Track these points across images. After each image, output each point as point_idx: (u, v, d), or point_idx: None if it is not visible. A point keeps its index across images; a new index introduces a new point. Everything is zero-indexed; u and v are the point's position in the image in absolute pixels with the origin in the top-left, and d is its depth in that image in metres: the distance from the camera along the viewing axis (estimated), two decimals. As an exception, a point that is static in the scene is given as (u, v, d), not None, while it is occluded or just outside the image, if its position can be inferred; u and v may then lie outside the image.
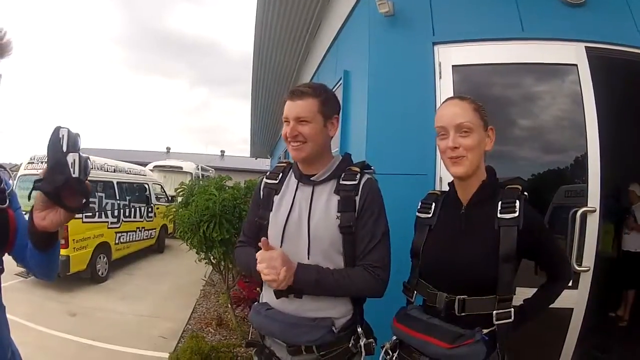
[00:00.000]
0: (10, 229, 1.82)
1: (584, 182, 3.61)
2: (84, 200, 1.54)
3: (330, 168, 2.41)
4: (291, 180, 2.50)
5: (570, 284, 2.71)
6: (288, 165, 2.61)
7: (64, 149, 1.46)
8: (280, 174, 2.56)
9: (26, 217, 1.80)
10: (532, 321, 2.33)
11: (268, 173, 2.65)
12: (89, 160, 1.52)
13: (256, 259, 2.15)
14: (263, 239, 2.17)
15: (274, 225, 2.41)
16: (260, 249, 2.17)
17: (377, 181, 2.44)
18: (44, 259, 1.77)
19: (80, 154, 1.49)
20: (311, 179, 2.40)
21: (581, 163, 3.69)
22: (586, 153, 3.57)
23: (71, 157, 1.46)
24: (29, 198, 1.55)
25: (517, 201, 2.13)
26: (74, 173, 1.46)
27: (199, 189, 6.06)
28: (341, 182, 2.35)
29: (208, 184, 6.24)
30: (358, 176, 2.35)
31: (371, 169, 2.49)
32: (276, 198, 2.48)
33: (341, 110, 2.56)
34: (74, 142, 1.48)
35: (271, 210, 2.46)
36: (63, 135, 1.47)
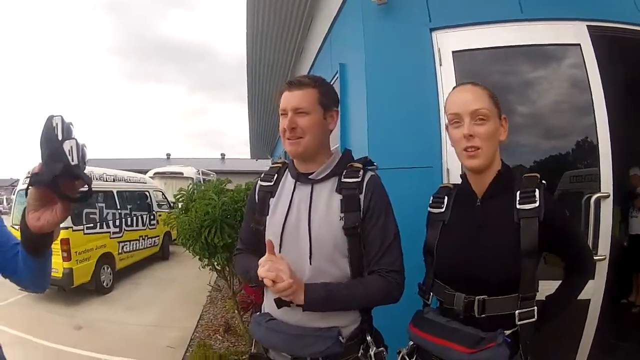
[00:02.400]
0: None
1: (588, 166, 3.54)
2: (87, 187, 1.42)
3: (330, 165, 2.25)
4: (287, 181, 2.35)
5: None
6: (283, 166, 2.45)
7: (59, 137, 1.35)
8: (276, 175, 2.42)
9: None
10: (556, 319, 2.20)
11: (262, 175, 2.49)
12: (85, 147, 1.40)
13: (256, 264, 2.00)
14: (268, 239, 2.03)
15: (271, 229, 2.26)
16: (261, 256, 2.02)
17: (380, 177, 2.29)
18: (37, 266, 1.67)
19: (77, 140, 1.37)
20: (309, 177, 2.24)
21: (584, 147, 3.63)
22: (595, 136, 3.45)
23: (68, 145, 1.34)
24: (25, 195, 1.44)
25: (537, 190, 1.99)
26: (72, 160, 1.34)
27: (198, 194, 5.96)
28: (343, 179, 2.20)
29: (207, 188, 6.14)
30: (361, 173, 2.21)
31: (374, 165, 2.34)
32: (272, 201, 2.33)
33: (339, 105, 2.42)
34: (68, 129, 1.37)
35: (267, 215, 2.31)
36: (57, 124, 1.35)
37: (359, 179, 2.19)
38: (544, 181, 2.07)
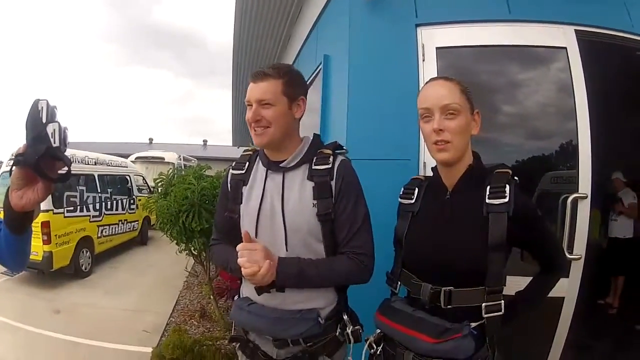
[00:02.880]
0: None
1: (570, 168, 3.55)
2: (66, 169, 1.50)
3: (300, 152, 2.28)
4: (259, 169, 2.37)
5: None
6: (254, 153, 2.48)
7: (44, 120, 1.42)
8: (247, 163, 2.43)
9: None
10: (524, 315, 2.22)
11: (234, 163, 2.50)
12: (67, 130, 1.47)
13: (235, 254, 2.03)
14: (245, 230, 2.05)
15: (246, 218, 2.29)
16: (236, 245, 2.05)
17: (350, 161, 2.33)
18: (18, 244, 1.70)
19: (60, 123, 1.44)
20: (280, 165, 2.27)
21: (567, 149, 3.65)
22: (576, 138, 3.48)
23: (51, 127, 1.43)
24: (10, 174, 1.49)
25: (507, 186, 2.00)
26: (54, 143, 1.42)
27: (178, 178, 5.97)
28: (314, 166, 2.23)
29: (187, 173, 6.14)
30: (331, 159, 2.24)
31: (343, 149, 2.37)
32: (245, 189, 2.35)
33: (321, 95, 2.42)
34: (52, 113, 1.45)
35: (241, 203, 2.34)
36: (42, 107, 1.43)
37: (329, 166, 2.21)
38: (516, 177, 2.09)
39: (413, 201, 2.31)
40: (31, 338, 6.73)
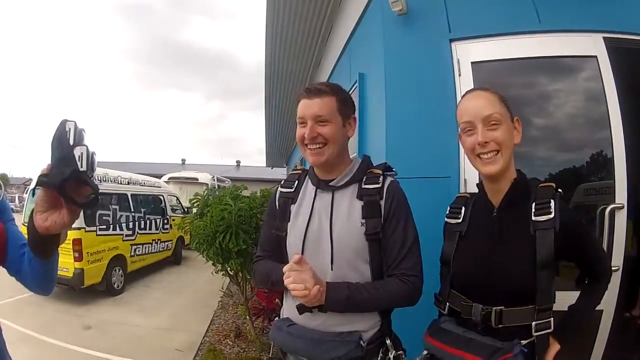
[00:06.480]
0: (0, 241, 1.77)
1: (602, 179, 3.53)
2: (93, 195, 1.42)
3: (350, 171, 2.26)
4: (308, 188, 2.35)
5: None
6: (304, 172, 2.46)
7: (71, 142, 1.36)
8: (296, 182, 2.42)
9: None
10: (580, 329, 2.19)
11: (283, 182, 2.49)
12: (94, 155, 1.40)
13: (279, 269, 2.03)
14: (299, 256, 1.98)
15: (293, 236, 2.27)
16: (282, 262, 2.06)
17: (399, 183, 2.29)
18: (42, 269, 1.68)
19: (88, 147, 1.38)
20: (330, 184, 2.24)
21: (598, 160, 3.60)
22: (610, 148, 3.43)
23: (78, 150, 1.36)
24: (33, 194, 1.47)
25: (552, 200, 1.97)
26: (81, 167, 1.36)
27: (214, 199, 5.98)
28: (363, 186, 2.20)
29: (223, 193, 6.15)
30: (381, 179, 2.21)
31: (393, 170, 2.34)
32: (293, 207, 2.33)
33: (358, 114, 2.40)
34: (80, 135, 1.38)
35: (288, 221, 2.31)
36: (70, 129, 1.37)
37: (379, 185, 2.19)
38: (559, 190, 2.05)
39: (460, 220, 2.29)
40: (61, 353, 6.76)
